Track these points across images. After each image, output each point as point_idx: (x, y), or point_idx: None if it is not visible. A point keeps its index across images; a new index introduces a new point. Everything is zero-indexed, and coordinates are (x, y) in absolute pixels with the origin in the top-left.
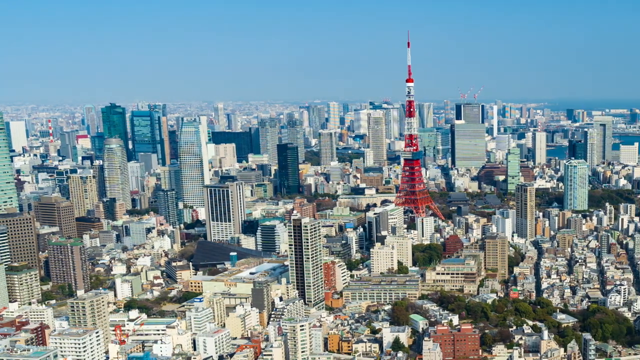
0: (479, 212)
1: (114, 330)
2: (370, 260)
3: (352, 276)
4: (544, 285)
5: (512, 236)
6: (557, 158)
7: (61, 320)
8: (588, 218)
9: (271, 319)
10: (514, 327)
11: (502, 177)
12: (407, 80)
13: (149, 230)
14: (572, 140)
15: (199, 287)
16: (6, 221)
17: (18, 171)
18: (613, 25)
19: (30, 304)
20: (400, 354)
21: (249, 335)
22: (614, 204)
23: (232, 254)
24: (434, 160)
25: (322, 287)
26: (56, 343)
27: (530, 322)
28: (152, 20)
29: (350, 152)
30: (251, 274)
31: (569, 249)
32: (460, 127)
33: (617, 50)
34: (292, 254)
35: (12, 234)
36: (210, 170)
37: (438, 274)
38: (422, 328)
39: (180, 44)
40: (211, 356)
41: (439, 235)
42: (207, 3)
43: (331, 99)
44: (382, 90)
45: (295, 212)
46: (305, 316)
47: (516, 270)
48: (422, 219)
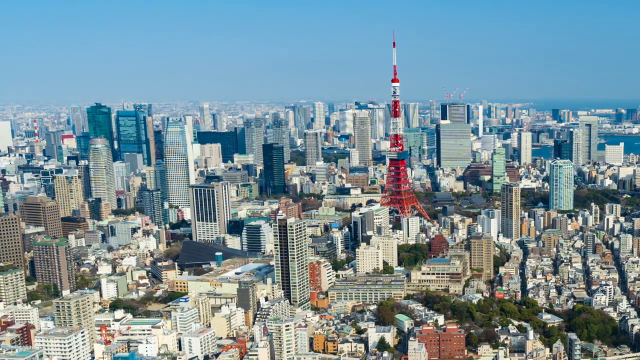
0: (464, 212)
1: (99, 330)
2: (356, 260)
3: (337, 276)
4: (530, 285)
5: (498, 236)
6: (542, 158)
7: (47, 320)
8: (573, 218)
9: (257, 319)
10: (500, 327)
11: (487, 177)
12: (393, 80)
13: (134, 230)
14: (558, 140)
15: (184, 287)
16: None
17: (3, 171)
18: (598, 26)
19: (15, 304)
20: (385, 354)
21: (235, 335)
22: (599, 204)
23: (217, 254)
24: (420, 160)
25: (307, 287)
26: (42, 343)
27: (516, 322)
28: (138, 20)
29: (335, 152)
30: (237, 274)
31: (555, 249)
32: (446, 127)
33: (603, 51)
34: (277, 254)
35: None
36: (195, 170)
37: (423, 274)
38: (408, 328)
39: (165, 44)
40: (196, 356)
41: (424, 235)
42: (192, 3)
43: (317, 99)
44: (367, 90)
45: (280, 212)
46: (291, 316)
47: (502, 270)
48: (408, 219)
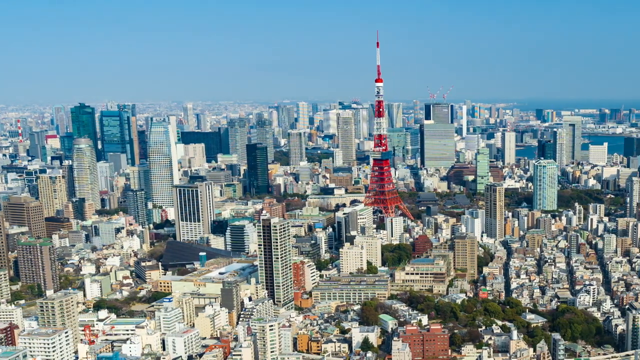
0: (448, 212)
1: (82, 330)
2: (340, 260)
3: (321, 276)
4: (513, 285)
5: (482, 236)
6: (526, 158)
7: (30, 320)
8: (557, 218)
9: (240, 319)
10: (483, 327)
11: (471, 177)
12: (377, 80)
13: (118, 230)
14: (542, 140)
15: (168, 287)
16: None
17: None
18: (582, 27)
19: None
20: (369, 354)
21: (218, 335)
22: (583, 204)
23: (201, 254)
24: (403, 160)
25: (291, 287)
26: (25, 343)
27: (500, 322)
28: (122, 20)
29: (319, 152)
30: (220, 274)
31: (538, 249)
32: (430, 127)
33: (587, 51)
34: (261, 254)
35: None
36: (179, 170)
37: (407, 274)
38: (392, 328)
39: (149, 44)
40: (180, 356)
41: (408, 235)
42: (176, 4)
43: (300, 99)
44: (351, 90)
45: (264, 212)
46: (275, 316)
47: (485, 270)
48: (392, 219)
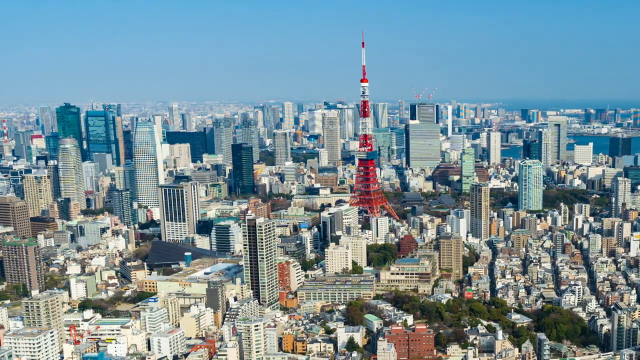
0: (433, 212)
1: (68, 330)
2: (325, 260)
3: (306, 276)
4: (499, 285)
5: (467, 236)
6: (511, 158)
7: (15, 320)
8: (542, 218)
9: (226, 319)
10: (469, 327)
11: (456, 177)
12: (362, 80)
13: (103, 230)
14: (527, 140)
15: (153, 287)
16: None
17: None
18: (567, 27)
19: None
20: (354, 354)
21: (204, 335)
22: (568, 204)
23: (186, 254)
24: (389, 160)
25: (276, 287)
26: (10, 343)
27: (485, 322)
28: (107, 20)
29: (304, 152)
30: (206, 274)
31: (524, 249)
32: (415, 127)
33: (572, 51)
34: (246, 254)
35: None
36: (164, 170)
37: (392, 274)
38: (377, 328)
39: (134, 44)
40: (165, 356)
41: (393, 235)
42: (160, 3)
43: (286, 99)
44: (336, 90)
45: (249, 212)
46: (260, 316)
47: (471, 270)
48: (377, 219)
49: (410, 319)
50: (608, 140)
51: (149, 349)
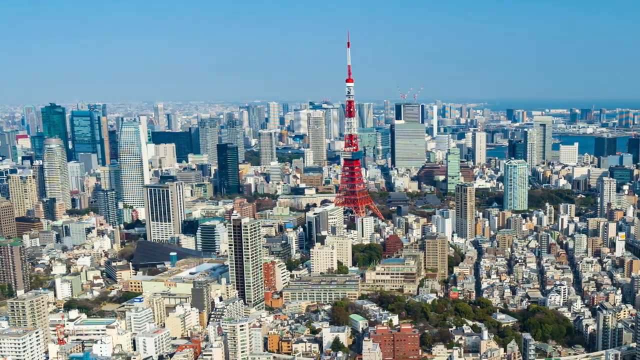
0: (418, 212)
1: (53, 330)
2: (310, 260)
3: (292, 276)
4: (484, 285)
5: (452, 236)
6: (497, 158)
7: (1, 320)
8: (528, 218)
9: (211, 319)
10: (454, 327)
11: (442, 177)
12: (347, 80)
13: (88, 230)
14: (512, 140)
15: (138, 287)
16: None
17: None
18: (552, 27)
19: None
20: (340, 354)
21: (189, 335)
22: (553, 204)
23: (172, 254)
24: (374, 160)
25: (262, 287)
26: None
27: (470, 322)
28: (91, 20)
29: (290, 152)
30: (191, 274)
31: (509, 249)
32: (400, 127)
33: (557, 51)
34: (232, 254)
35: None
36: (150, 170)
37: (378, 274)
38: (362, 328)
39: (119, 44)
40: (151, 356)
41: (378, 235)
42: (145, 4)
43: (271, 99)
44: (322, 90)
45: (235, 212)
46: (245, 316)
47: (456, 270)
48: (362, 219)
49: (395, 319)
50: (593, 140)
51: (135, 349)
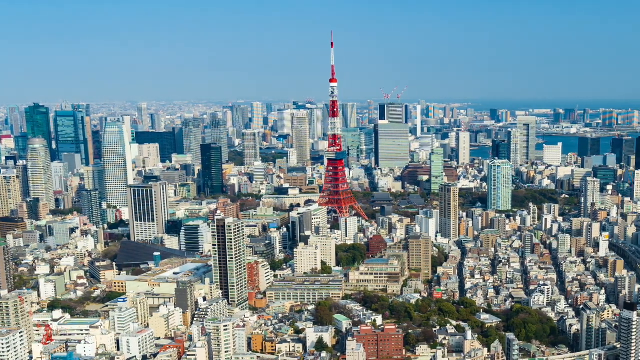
0: (402, 212)
1: (37, 330)
2: (294, 260)
3: (275, 276)
4: (468, 285)
5: (436, 236)
6: (480, 158)
7: None
8: (512, 218)
9: (195, 319)
10: (438, 327)
11: (425, 177)
12: (331, 80)
13: (72, 230)
14: (496, 140)
15: (122, 287)
16: None
17: None
18: (535, 27)
19: None
20: (323, 354)
21: (173, 335)
22: (537, 204)
23: (155, 254)
24: (358, 160)
25: (245, 287)
26: None
27: (454, 322)
28: (75, 20)
29: (273, 152)
30: (175, 274)
31: (493, 249)
32: (384, 127)
33: (540, 51)
34: (215, 254)
35: None
36: (133, 170)
37: (362, 274)
38: (346, 328)
39: (103, 44)
40: (135, 356)
41: (362, 235)
42: (127, 3)
43: (255, 99)
44: (305, 90)
45: (218, 212)
46: (229, 316)
47: (440, 270)
48: (346, 219)
49: (379, 319)
50: (577, 140)
51: (118, 349)
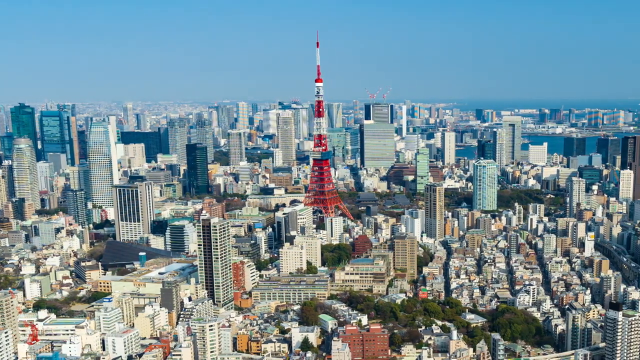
0: (388, 212)
1: (22, 330)
2: (280, 260)
3: (261, 276)
4: (453, 285)
5: (421, 236)
6: (466, 158)
7: None
8: (497, 218)
9: (180, 319)
10: (423, 327)
11: (411, 177)
12: (316, 80)
13: (58, 230)
14: (481, 140)
15: (108, 287)
16: None
17: None
18: (520, 27)
19: None
20: (309, 354)
21: (158, 335)
22: (522, 204)
23: (141, 254)
24: (343, 160)
25: (231, 287)
26: None
27: (440, 322)
28: (60, 21)
29: (259, 152)
30: (160, 274)
31: (478, 249)
32: (369, 127)
33: (526, 51)
34: (201, 254)
35: None
36: (119, 170)
37: (347, 274)
38: (331, 328)
39: (88, 44)
40: (120, 356)
41: (348, 235)
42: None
43: (240, 99)
44: (291, 90)
45: (204, 212)
46: (214, 316)
47: (425, 270)
48: (331, 219)
49: (364, 319)
50: (562, 140)
51: (104, 349)
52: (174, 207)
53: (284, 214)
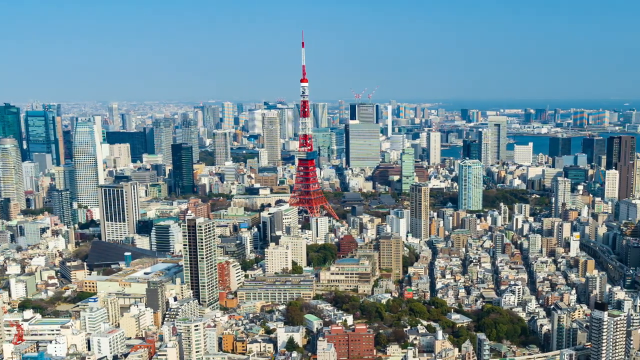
0: (373, 212)
1: (8, 330)
2: (265, 260)
3: (246, 276)
4: (439, 285)
5: (407, 236)
6: (451, 158)
7: None
8: (482, 218)
9: (165, 319)
10: (409, 327)
11: (396, 177)
12: (302, 80)
13: (43, 230)
14: (467, 140)
15: (93, 287)
16: None
17: None
18: (505, 27)
19: None
20: (294, 354)
21: (144, 335)
22: (508, 204)
23: (126, 254)
24: (329, 160)
25: (216, 287)
26: None
27: (425, 322)
28: (47, 20)
29: (244, 152)
30: (145, 274)
31: (464, 249)
32: (355, 127)
33: (511, 51)
34: (186, 254)
35: None
36: (104, 170)
37: (332, 274)
38: (317, 328)
39: (73, 44)
40: (105, 356)
41: (333, 235)
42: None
43: (225, 98)
44: (276, 90)
45: (189, 212)
46: (200, 316)
47: (410, 270)
48: (317, 219)
49: (350, 319)
50: (548, 140)
51: (89, 349)
52: (160, 207)
53: (269, 214)
